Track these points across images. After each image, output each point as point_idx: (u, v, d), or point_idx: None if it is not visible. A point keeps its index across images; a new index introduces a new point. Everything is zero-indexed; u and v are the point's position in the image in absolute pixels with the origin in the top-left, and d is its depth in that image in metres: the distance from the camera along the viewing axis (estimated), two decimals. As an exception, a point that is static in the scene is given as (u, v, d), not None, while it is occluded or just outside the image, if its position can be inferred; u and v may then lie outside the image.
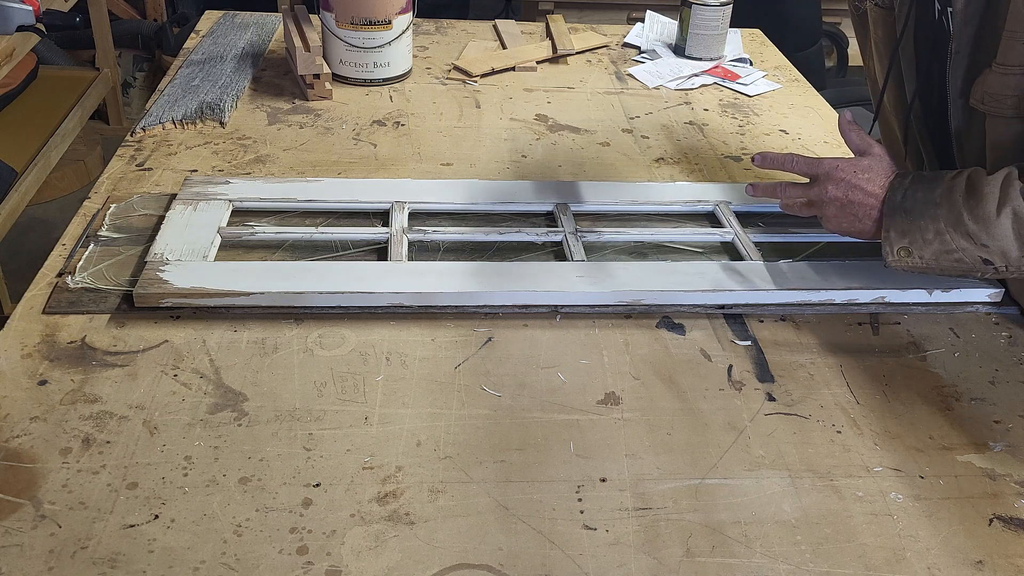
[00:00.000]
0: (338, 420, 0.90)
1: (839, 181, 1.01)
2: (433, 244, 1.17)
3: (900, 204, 0.97)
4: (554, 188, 1.29)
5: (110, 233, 1.15)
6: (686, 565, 0.78)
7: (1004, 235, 0.91)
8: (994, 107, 0.96)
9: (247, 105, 1.55)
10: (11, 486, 0.80)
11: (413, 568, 0.76)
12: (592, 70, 1.81)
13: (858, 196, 1.00)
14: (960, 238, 0.93)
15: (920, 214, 0.95)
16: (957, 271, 0.97)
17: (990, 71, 0.96)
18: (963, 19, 0.98)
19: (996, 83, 0.95)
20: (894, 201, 0.97)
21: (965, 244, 0.93)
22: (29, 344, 0.97)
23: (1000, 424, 0.95)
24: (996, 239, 0.91)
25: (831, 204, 1.02)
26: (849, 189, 1.00)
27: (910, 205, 0.96)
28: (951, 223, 0.93)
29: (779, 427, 0.93)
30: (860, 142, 1.04)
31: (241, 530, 0.78)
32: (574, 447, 0.89)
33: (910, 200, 0.96)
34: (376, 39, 1.62)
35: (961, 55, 1.00)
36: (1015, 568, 0.79)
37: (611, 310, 1.07)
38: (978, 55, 0.99)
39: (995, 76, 0.95)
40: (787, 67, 1.87)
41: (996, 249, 0.92)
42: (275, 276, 1.05)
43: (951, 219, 0.93)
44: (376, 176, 1.35)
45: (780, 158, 1.06)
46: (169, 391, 0.92)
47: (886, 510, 0.84)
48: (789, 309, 1.09)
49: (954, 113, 1.04)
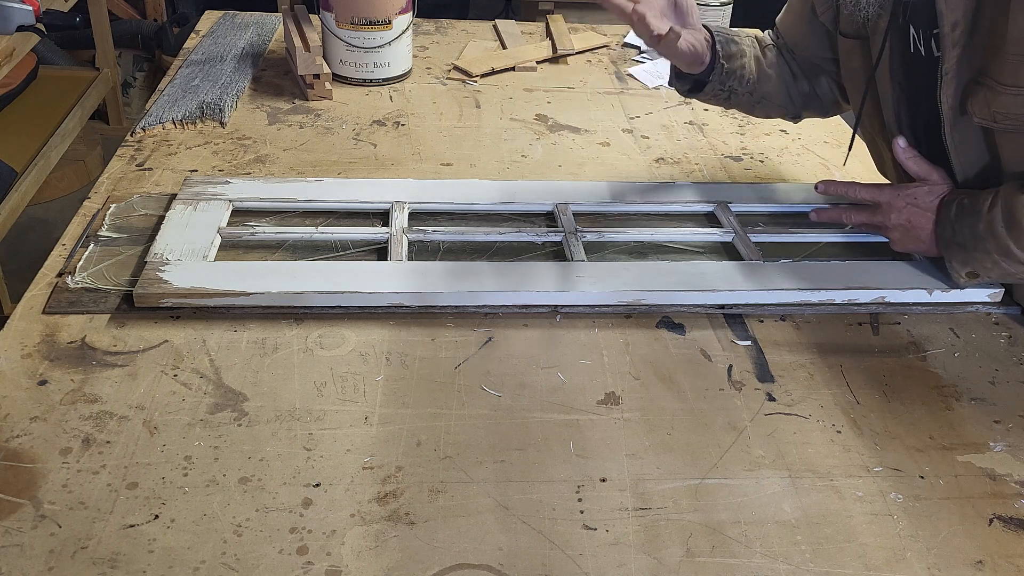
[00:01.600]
0: (338, 420, 0.90)
1: (901, 209, 1.08)
2: (433, 244, 1.17)
3: (952, 239, 1.05)
4: (554, 188, 1.29)
5: (110, 233, 1.15)
6: (686, 565, 0.78)
7: None
8: (1010, 124, 1.00)
9: (247, 105, 1.55)
10: (11, 486, 0.80)
11: (413, 568, 0.76)
12: (592, 70, 1.81)
13: (919, 222, 1.08)
14: (1015, 263, 1.01)
15: (973, 248, 1.03)
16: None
17: (991, 91, 0.98)
18: (951, 41, 1.01)
19: (1009, 103, 0.98)
20: (945, 236, 1.05)
21: (1021, 267, 1.01)
22: (29, 344, 0.97)
23: (1000, 424, 0.95)
24: None
25: (895, 230, 1.10)
26: (911, 215, 1.08)
27: (961, 240, 1.04)
28: (1002, 254, 1.01)
29: (779, 427, 0.93)
30: (919, 169, 1.09)
31: (241, 530, 0.78)
32: (574, 447, 0.89)
33: (960, 235, 1.04)
34: (376, 39, 1.62)
35: (950, 76, 1.03)
36: (1015, 568, 0.79)
37: (611, 310, 1.07)
38: (966, 73, 1.02)
39: (1007, 97, 0.98)
40: (787, 67, 1.87)
41: None
42: (275, 276, 1.05)
43: (1001, 251, 1.00)
44: (376, 176, 1.35)
45: (843, 187, 1.14)
46: (169, 391, 0.92)
47: (886, 510, 0.84)
48: (789, 309, 1.09)
49: (949, 131, 1.06)
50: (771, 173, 1.43)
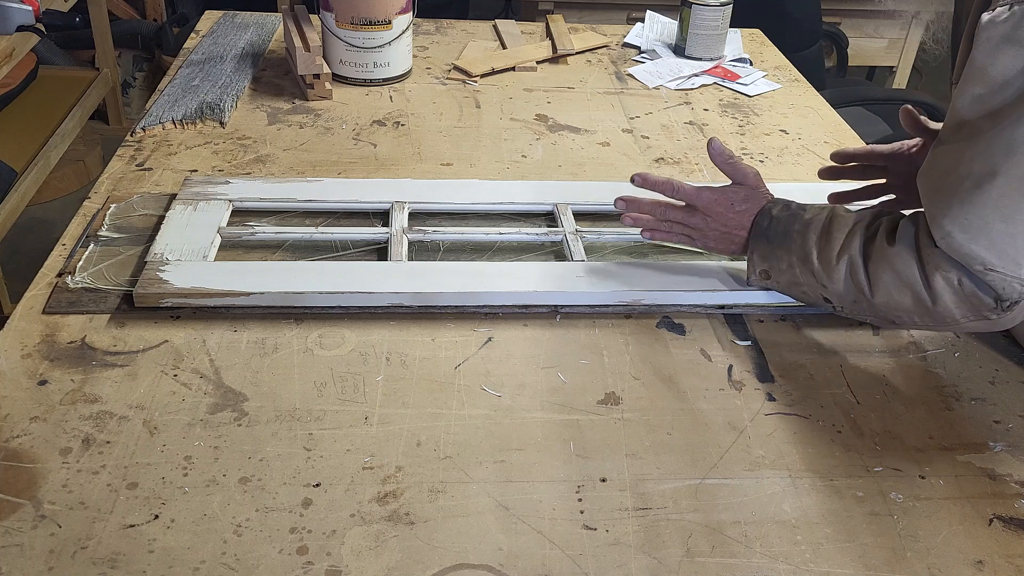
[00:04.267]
0: (338, 420, 0.90)
1: (718, 215, 1.05)
2: (433, 244, 1.17)
3: (764, 231, 1.02)
4: (554, 188, 1.29)
5: (110, 233, 1.15)
6: (686, 565, 0.78)
7: (839, 279, 0.96)
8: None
9: (247, 105, 1.55)
10: (11, 486, 0.80)
11: (413, 568, 0.76)
12: (592, 70, 1.81)
13: (735, 227, 1.05)
14: (807, 274, 0.99)
15: (778, 244, 1.01)
16: (804, 301, 1.04)
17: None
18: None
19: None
20: (761, 227, 1.03)
21: (810, 280, 0.99)
22: (29, 344, 0.97)
23: (1000, 424, 0.95)
24: (834, 282, 0.97)
25: (712, 232, 1.06)
26: (728, 218, 1.05)
27: (772, 234, 1.02)
28: (800, 259, 0.99)
29: (779, 427, 0.93)
30: (734, 172, 1.07)
31: (241, 530, 0.78)
32: (574, 447, 0.89)
33: (773, 229, 1.02)
34: (376, 39, 1.62)
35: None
36: (1015, 568, 0.79)
37: (611, 310, 1.07)
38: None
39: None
40: (787, 67, 1.87)
41: (833, 291, 0.98)
42: (275, 276, 1.05)
43: (801, 255, 0.99)
44: (376, 176, 1.35)
45: (661, 183, 1.08)
46: (169, 391, 0.92)
47: (886, 510, 0.84)
48: (789, 309, 1.09)
49: None
50: (771, 173, 1.43)
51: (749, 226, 1.04)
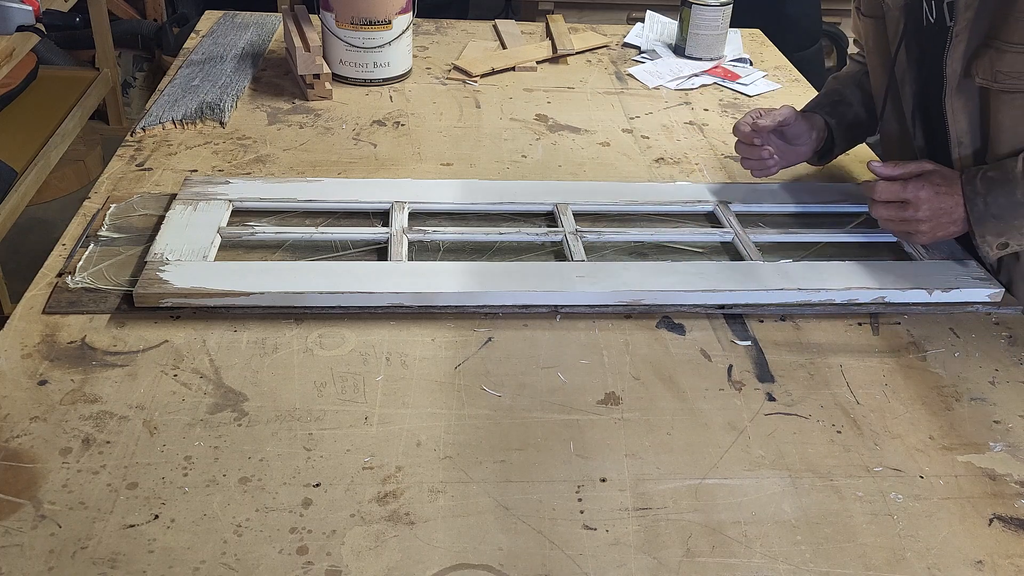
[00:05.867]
0: (338, 420, 0.90)
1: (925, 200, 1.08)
2: (433, 244, 1.17)
3: (986, 211, 1.06)
4: (554, 188, 1.29)
5: (110, 233, 1.15)
6: (686, 565, 0.78)
7: None
8: (1010, 84, 1.04)
9: (247, 105, 1.55)
10: (11, 486, 0.80)
11: (413, 568, 0.76)
12: (592, 70, 1.81)
13: (946, 204, 1.08)
14: None
15: (1012, 216, 1.05)
16: None
17: (998, 51, 1.03)
18: (965, 3, 1.06)
19: (1014, 61, 1.03)
20: (979, 209, 1.06)
21: None
22: (29, 344, 0.97)
23: (1000, 424, 0.95)
24: None
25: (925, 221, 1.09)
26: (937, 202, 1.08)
27: (996, 211, 1.05)
28: None
29: (779, 427, 0.93)
30: (907, 171, 1.10)
31: (241, 530, 0.78)
32: (574, 447, 0.89)
33: (994, 206, 1.05)
34: (376, 39, 1.62)
35: (960, 38, 1.07)
36: (1015, 568, 0.79)
37: (611, 310, 1.07)
38: (976, 38, 1.06)
39: (1012, 55, 1.03)
40: (787, 67, 1.87)
41: None
42: (275, 276, 1.05)
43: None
44: (376, 176, 1.35)
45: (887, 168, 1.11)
46: (169, 391, 0.92)
47: (886, 510, 0.84)
48: (789, 309, 1.09)
49: (949, 95, 1.10)
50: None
51: (961, 203, 1.07)
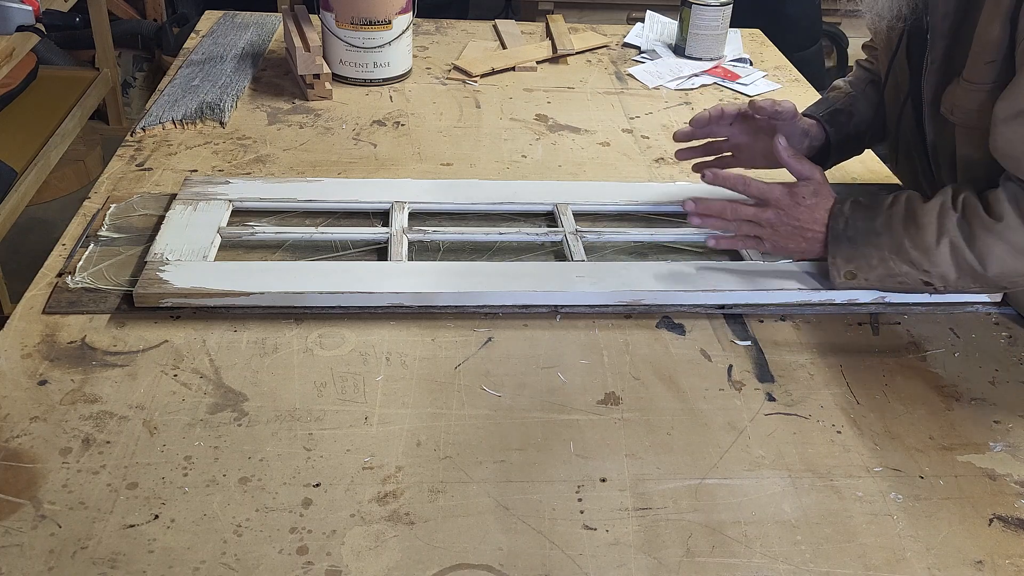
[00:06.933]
0: (338, 420, 0.90)
1: (790, 207, 1.06)
2: (433, 244, 1.17)
3: (843, 232, 1.04)
4: (554, 188, 1.29)
5: (110, 233, 1.15)
6: (686, 565, 0.78)
7: (943, 262, 0.99)
8: (961, 118, 1.03)
9: (247, 105, 1.55)
10: (11, 486, 0.80)
11: (413, 568, 0.76)
12: (592, 70, 1.81)
13: (806, 222, 1.05)
14: (903, 264, 1.01)
15: (864, 243, 1.02)
16: (899, 291, 1.07)
17: (959, 83, 1.02)
18: (939, 32, 1.04)
19: (963, 96, 1.02)
20: (837, 229, 1.04)
21: (907, 269, 1.01)
22: (29, 344, 0.97)
23: (1000, 424, 0.95)
24: (936, 266, 1.00)
25: (782, 227, 1.07)
26: (801, 213, 1.06)
27: (852, 234, 1.03)
28: (894, 251, 1.01)
29: (779, 427, 0.93)
30: (801, 168, 1.08)
31: (241, 530, 0.78)
32: (574, 447, 0.89)
33: (852, 229, 1.03)
34: (376, 39, 1.62)
35: (935, 66, 1.06)
36: (1015, 568, 0.79)
37: (611, 310, 1.07)
38: (949, 67, 1.05)
39: (963, 90, 1.01)
40: (787, 67, 1.87)
41: (936, 274, 1.00)
42: (275, 276, 1.05)
43: (893, 247, 1.01)
44: (376, 176, 1.35)
45: (732, 178, 1.08)
46: (169, 391, 0.92)
47: (886, 510, 0.84)
48: (789, 309, 1.09)
49: (927, 121, 1.10)
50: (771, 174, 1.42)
51: (824, 221, 1.05)
